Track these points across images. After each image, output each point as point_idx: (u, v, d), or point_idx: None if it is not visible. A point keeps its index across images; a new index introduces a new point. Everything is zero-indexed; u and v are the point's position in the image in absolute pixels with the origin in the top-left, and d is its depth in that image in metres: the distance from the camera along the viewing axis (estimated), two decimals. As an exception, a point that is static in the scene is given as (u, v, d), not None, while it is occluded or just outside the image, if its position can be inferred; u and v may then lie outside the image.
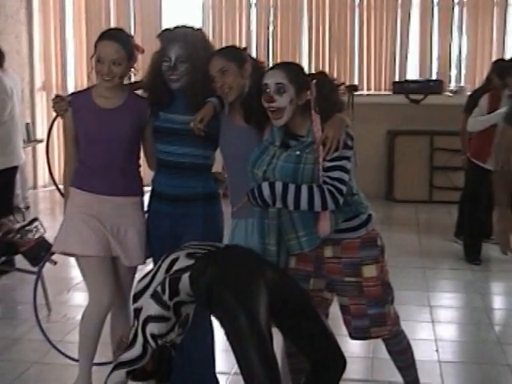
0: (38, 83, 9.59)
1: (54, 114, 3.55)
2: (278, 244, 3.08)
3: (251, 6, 9.35)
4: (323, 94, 3.03)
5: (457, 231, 6.79)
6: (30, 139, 8.35)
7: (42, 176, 9.60)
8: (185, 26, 3.43)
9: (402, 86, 8.96)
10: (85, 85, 8.05)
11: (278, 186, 2.92)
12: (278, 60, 8.81)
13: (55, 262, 4.54)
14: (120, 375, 2.88)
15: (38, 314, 4.21)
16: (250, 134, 3.19)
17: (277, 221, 3.06)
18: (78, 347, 3.49)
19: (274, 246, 3.08)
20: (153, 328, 2.81)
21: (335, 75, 8.01)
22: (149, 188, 3.54)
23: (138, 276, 3.33)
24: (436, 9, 9.08)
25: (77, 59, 9.64)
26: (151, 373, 2.91)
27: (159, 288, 2.81)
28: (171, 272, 2.81)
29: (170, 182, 3.43)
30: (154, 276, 2.87)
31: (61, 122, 3.53)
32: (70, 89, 9.24)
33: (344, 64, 9.24)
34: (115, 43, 3.31)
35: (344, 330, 3.23)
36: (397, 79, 9.15)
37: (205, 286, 2.71)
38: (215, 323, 3.00)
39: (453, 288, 5.77)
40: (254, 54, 8.49)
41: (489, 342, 4.57)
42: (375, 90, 9.24)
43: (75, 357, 3.65)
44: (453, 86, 9.14)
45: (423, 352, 4.12)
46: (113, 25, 9.23)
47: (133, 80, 3.58)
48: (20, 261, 5.13)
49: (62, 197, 3.62)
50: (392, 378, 3.65)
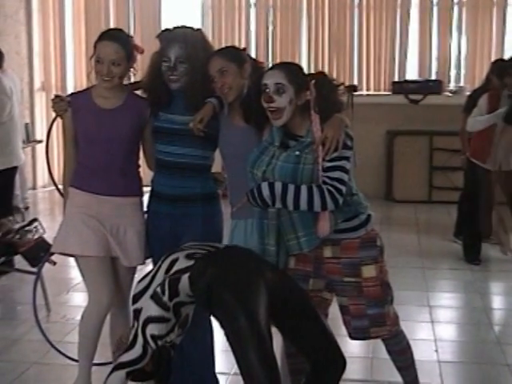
0: (37, 83, 9.58)
1: (54, 115, 3.55)
2: (277, 244, 3.08)
3: (250, 6, 9.35)
4: (322, 94, 3.03)
5: (456, 231, 6.79)
6: (29, 139, 8.35)
7: (42, 176, 9.59)
8: (184, 27, 3.43)
9: (401, 86, 8.96)
10: (84, 85, 8.05)
11: (278, 187, 2.92)
12: (278, 60, 8.81)
13: (54, 263, 4.54)
14: (120, 376, 2.88)
15: (37, 315, 4.20)
16: (250, 134, 3.19)
17: (276, 221, 3.06)
18: (77, 347, 3.49)
19: (273, 247, 3.08)
20: (153, 329, 2.81)
21: (334, 75, 7.99)
22: (148, 188, 3.54)
23: (137, 276, 3.33)
24: (435, 9, 9.08)
25: (76, 59, 9.63)
26: (151, 373, 2.91)
27: (159, 289, 2.81)
28: (171, 273, 2.81)
29: (170, 182, 3.43)
30: (154, 277, 2.87)
31: (60, 122, 3.53)
32: (70, 89, 9.23)
33: (343, 64, 9.24)
34: (115, 43, 3.30)
35: (343, 330, 3.23)
36: (396, 79, 9.15)
37: (204, 286, 2.71)
38: (215, 323, 3.00)
39: (452, 288, 5.77)
40: (253, 54, 8.48)
41: (488, 342, 4.57)
42: (374, 90, 9.24)
43: (75, 357, 3.65)
44: (452, 86, 9.14)
45: (423, 352, 4.12)
46: (112, 25, 9.21)
47: (132, 80, 3.58)
48: (19, 261, 5.13)
49: (62, 197, 3.62)
50: (391, 378, 3.65)
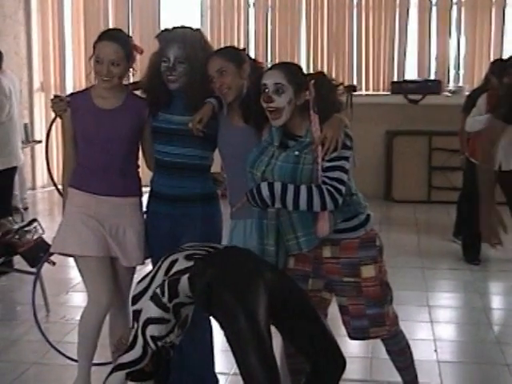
0: (36, 84, 9.57)
1: (53, 115, 3.55)
2: (276, 244, 3.08)
3: (249, 6, 9.35)
4: (322, 94, 3.03)
5: (455, 231, 6.79)
6: (28, 140, 8.34)
7: (41, 177, 9.59)
8: (183, 27, 3.43)
9: (400, 86, 8.96)
10: (83, 85, 8.06)
11: (277, 187, 2.92)
12: (277, 60, 8.81)
13: (54, 263, 4.53)
14: (119, 377, 2.88)
15: (36, 315, 4.21)
16: (249, 135, 3.19)
17: (275, 221, 3.05)
18: (76, 348, 3.49)
19: (272, 247, 3.07)
20: (153, 330, 2.81)
21: (334, 75, 7.99)
22: (147, 188, 3.54)
23: (136, 276, 3.33)
24: (434, 9, 9.08)
25: (75, 60, 9.63)
26: (150, 373, 2.91)
27: (158, 290, 2.81)
28: (170, 274, 2.81)
29: (169, 182, 3.42)
30: (153, 278, 2.86)
31: (60, 122, 3.53)
32: (69, 89, 9.23)
33: (342, 64, 9.24)
34: (114, 44, 3.30)
35: (343, 330, 3.23)
36: (395, 79, 9.14)
37: (204, 287, 2.71)
38: (214, 323, 3.00)
39: (452, 288, 5.77)
40: (252, 54, 8.48)
41: (488, 341, 4.57)
42: (374, 90, 9.24)
43: (74, 357, 3.65)
44: (451, 86, 9.14)
45: (422, 352, 4.12)
46: (111, 25, 9.21)
47: (131, 80, 3.57)
48: (19, 261, 5.12)
49: (61, 197, 3.61)
50: (391, 378, 3.65)
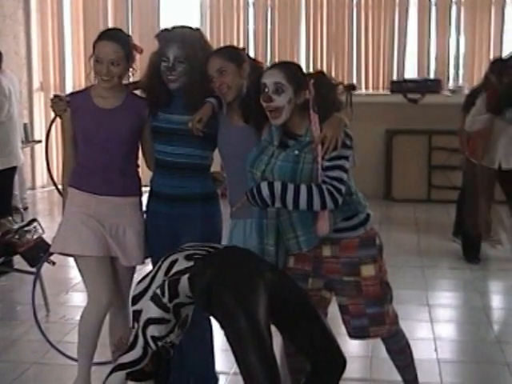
0: (36, 84, 9.56)
1: (53, 115, 3.54)
2: (276, 244, 3.08)
3: (249, 5, 9.34)
4: (321, 93, 3.03)
5: (455, 230, 6.79)
6: (28, 140, 8.34)
7: (41, 176, 9.58)
8: (183, 26, 3.43)
9: (400, 86, 8.95)
10: (83, 85, 8.05)
11: (277, 186, 2.92)
12: (276, 60, 8.81)
13: (54, 263, 4.53)
14: (119, 377, 2.88)
15: (36, 315, 4.21)
16: (249, 134, 3.19)
17: (275, 220, 3.05)
18: (76, 347, 3.49)
19: (272, 246, 3.07)
20: (153, 330, 2.80)
21: (333, 75, 8.00)
22: (147, 188, 3.54)
23: (136, 276, 3.33)
24: (434, 8, 9.07)
25: (75, 59, 9.62)
26: (150, 373, 2.91)
27: (158, 290, 2.80)
28: (170, 274, 2.81)
29: (169, 182, 3.42)
30: (153, 278, 2.86)
31: (59, 122, 3.52)
32: (68, 89, 9.21)
33: (342, 63, 9.23)
34: (114, 43, 3.30)
35: (343, 330, 3.23)
36: (395, 78, 9.14)
37: (204, 287, 2.70)
38: (214, 323, 3.00)
39: (451, 287, 5.77)
40: (251, 53, 8.48)
41: (487, 341, 4.57)
42: (373, 89, 9.23)
43: (74, 356, 3.65)
44: (451, 85, 9.14)
45: (422, 351, 4.12)
46: (110, 25, 9.19)
47: (131, 80, 3.57)
48: (19, 261, 5.12)
49: (61, 197, 3.61)
50: (391, 377, 3.65)
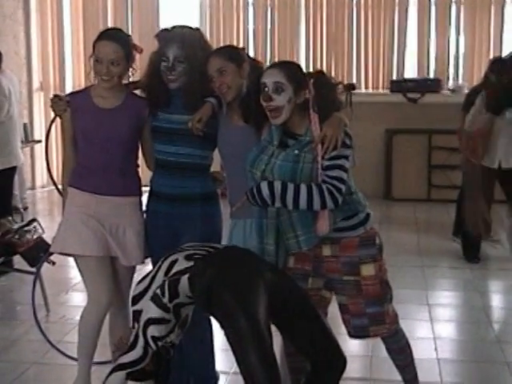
0: (35, 83, 9.56)
1: (53, 115, 3.54)
2: (276, 243, 3.08)
3: (248, 5, 9.34)
4: (321, 92, 3.03)
5: (455, 230, 6.79)
6: (27, 140, 8.34)
7: (40, 176, 9.58)
8: (182, 26, 3.43)
9: (399, 85, 8.94)
10: (83, 85, 8.05)
11: (277, 186, 2.92)
12: (276, 59, 8.80)
13: (54, 263, 4.53)
14: (120, 377, 2.88)
15: (36, 315, 4.21)
16: (249, 134, 3.19)
17: (275, 220, 3.06)
18: (77, 347, 3.49)
19: (272, 246, 3.08)
20: (153, 330, 2.80)
21: (333, 74, 7.99)
22: (147, 188, 3.54)
23: (136, 276, 3.33)
24: (433, 7, 9.07)
25: (74, 59, 9.62)
26: (150, 373, 2.91)
27: (159, 291, 2.80)
28: (170, 274, 2.81)
29: (169, 182, 3.43)
30: (153, 278, 2.86)
31: (59, 122, 3.52)
32: (68, 89, 9.20)
33: (342, 63, 9.23)
34: (114, 43, 3.30)
35: (343, 329, 3.23)
36: (394, 78, 9.13)
37: (204, 287, 2.71)
38: (214, 322, 3.00)
39: (451, 286, 5.77)
40: (251, 53, 8.47)
41: (487, 340, 4.57)
42: (373, 88, 9.22)
43: (75, 356, 3.65)
44: (451, 84, 9.13)
45: (422, 350, 4.13)
46: (110, 25, 9.19)
47: (131, 80, 3.57)
48: (19, 261, 5.12)
49: (61, 196, 3.61)
50: (391, 376, 3.65)
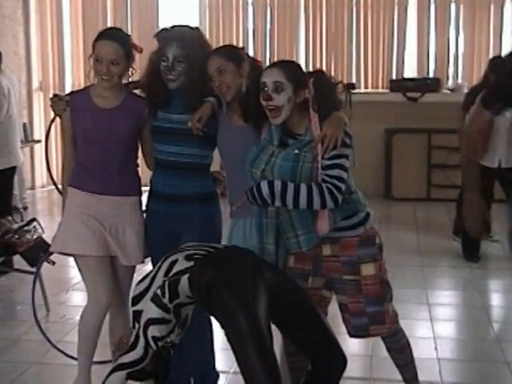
0: (35, 83, 9.56)
1: (52, 114, 3.54)
2: (276, 243, 3.08)
3: (248, 4, 9.35)
4: (321, 92, 3.03)
5: (455, 229, 6.79)
6: (27, 139, 8.34)
7: (40, 176, 9.59)
8: (182, 26, 3.42)
9: (399, 84, 8.95)
10: (82, 85, 8.05)
11: (277, 185, 2.91)
12: (276, 59, 8.81)
13: (53, 262, 4.53)
14: (120, 377, 2.88)
15: (36, 315, 4.21)
16: (248, 133, 3.19)
17: (275, 220, 3.06)
18: (77, 347, 3.49)
19: (272, 245, 3.08)
20: (154, 330, 2.80)
21: (332, 73, 7.99)
22: (147, 188, 3.54)
23: (136, 276, 3.33)
24: (433, 6, 9.08)
25: (74, 59, 9.62)
26: (150, 373, 2.91)
27: (159, 291, 2.80)
28: (170, 274, 2.81)
29: (168, 181, 3.42)
30: (154, 278, 2.86)
31: (59, 122, 3.52)
32: (68, 89, 9.21)
33: (341, 62, 9.24)
34: (114, 43, 3.30)
35: (343, 329, 3.23)
36: (394, 77, 9.14)
37: (204, 287, 2.71)
38: (214, 322, 3.00)
39: (451, 286, 5.77)
40: (251, 52, 8.48)
41: (487, 339, 4.57)
42: (372, 88, 9.23)
43: (75, 355, 3.65)
44: (450, 83, 9.14)
45: (422, 350, 4.13)
46: (110, 24, 9.20)
47: (130, 79, 3.57)
48: (18, 261, 5.12)
49: (61, 196, 3.61)
50: (391, 375, 3.65)
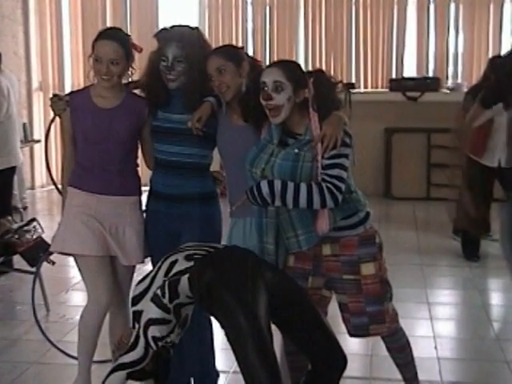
0: (35, 83, 9.56)
1: (52, 114, 3.54)
2: (276, 242, 3.08)
3: (247, 4, 9.35)
4: (321, 91, 3.03)
5: (454, 228, 6.79)
6: (27, 139, 8.34)
7: (40, 176, 9.58)
8: (181, 26, 3.42)
9: (398, 84, 8.96)
10: (82, 85, 8.04)
11: (277, 184, 2.91)
12: (275, 58, 8.81)
13: (53, 262, 4.53)
14: (120, 377, 2.87)
15: (36, 314, 4.21)
16: (248, 133, 3.19)
17: (275, 219, 3.06)
18: (77, 347, 3.49)
19: (272, 245, 3.08)
20: (154, 331, 2.80)
21: (332, 73, 8.00)
22: (147, 187, 3.54)
23: (136, 276, 3.33)
24: (432, 6, 9.09)
25: (73, 59, 9.62)
26: (150, 373, 2.91)
27: (159, 291, 2.80)
28: (170, 275, 2.81)
29: (168, 181, 3.42)
30: (153, 279, 2.86)
31: (59, 121, 3.52)
32: (67, 89, 9.21)
33: (341, 62, 9.25)
34: (113, 42, 3.30)
35: (343, 328, 3.23)
36: (393, 76, 9.15)
37: (204, 287, 2.71)
38: (214, 321, 3.00)
39: (451, 285, 5.77)
40: (250, 52, 8.48)
41: (487, 338, 4.57)
42: (372, 87, 9.24)
43: (75, 355, 3.65)
44: (450, 83, 9.14)
45: (422, 349, 4.13)
46: (109, 24, 9.20)
47: (130, 79, 3.57)
48: (18, 261, 5.12)
49: (61, 196, 3.61)
50: (391, 375, 3.65)
